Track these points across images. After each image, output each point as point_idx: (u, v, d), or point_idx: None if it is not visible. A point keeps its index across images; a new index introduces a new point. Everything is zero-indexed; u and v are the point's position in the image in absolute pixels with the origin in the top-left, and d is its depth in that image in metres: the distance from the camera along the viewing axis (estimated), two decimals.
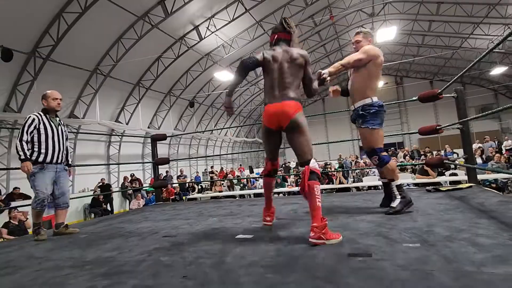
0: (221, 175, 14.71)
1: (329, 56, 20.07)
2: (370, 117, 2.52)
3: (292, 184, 9.31)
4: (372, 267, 1.31)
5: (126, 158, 14.37)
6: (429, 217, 2.19)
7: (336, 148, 23.84)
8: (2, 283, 1.55)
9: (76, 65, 10.20)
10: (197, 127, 18.44)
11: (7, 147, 9.41)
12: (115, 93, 12.67)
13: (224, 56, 14.53)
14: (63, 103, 3.22)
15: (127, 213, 4.84)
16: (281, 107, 2.00)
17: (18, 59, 8.56)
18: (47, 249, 2.29)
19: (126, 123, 13.37)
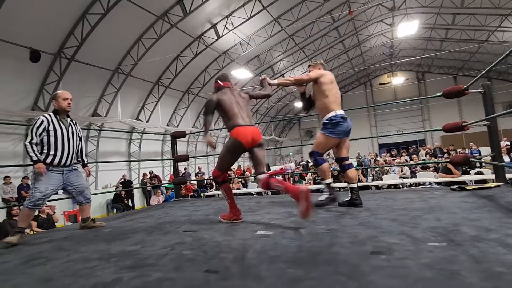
0: (238, 173, 14.79)
1: (347, 52, 19.71)
2: (330, 126, 2.94)
3: (310, 182, 9.24)
4: (396, 266, 1.29)
5: (146, 155, 14.71)
6: (455, 216, 2.13)
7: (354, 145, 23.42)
8: (35, 272, 1.63)
9: (99, 65, 10.51)
10: (215, 124, 18.61)
11: None
12: (136, 91, 12.97)
13: (242, 54, 14.56)
14: (86, 102, 3.33)
15: (148, 208, 4.97)
16: (256, 129, 2.63)
17: (45, 60, 8.91)
18: (75, 242, 2.38)
19: (146, 121, 13.67)
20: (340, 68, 21.33)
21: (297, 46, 16.76)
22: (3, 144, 9.12)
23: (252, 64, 16.32)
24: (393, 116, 24.99)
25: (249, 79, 17.25)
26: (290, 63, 18.41)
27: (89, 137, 11.95)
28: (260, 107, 22.56)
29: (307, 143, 27.53)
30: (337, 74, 22.20)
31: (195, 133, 16.26)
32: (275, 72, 18.66)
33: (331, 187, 2.98)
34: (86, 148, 11.78)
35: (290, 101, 23.86)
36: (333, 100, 2.99)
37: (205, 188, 11.75)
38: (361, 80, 26.98)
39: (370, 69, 24.67)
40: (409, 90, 24.92)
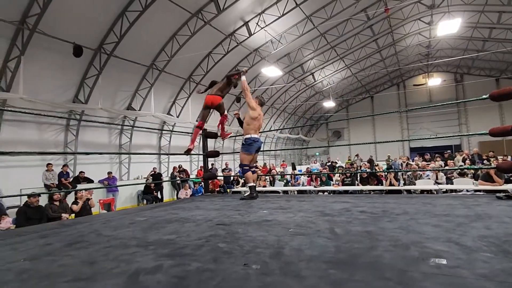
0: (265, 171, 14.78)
1: (381, 51, 19.03)
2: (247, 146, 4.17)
3: (338, 183, 9.02)
4: (449, 274, 1.20)
5: (175, 149, 15.08)
6: (506, 225, 1.96)
7: (384, 148, 22.63)
8: (79, 255, 1.70)
9: (135, 61, 10.89)
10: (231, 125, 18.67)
11: (75, 134, 10.39)
12: (168, 87, 13.32)
13: (272, 52, 14.51)
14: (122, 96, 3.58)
15: (178, 201, 5.08)
16: (211, 96, 4.48)
17: (86, 55, 9.38)
18: (113, 229, 2.46)
19: (177, 116, 14.01)
20: (372, 68, 20.66)
21: (329, 45, 16.43)
22: (46, 134, 9.71)
23: (282, 62, 16.22)
24: (427, 119, 23.88)
25: (278, 77, 17.16)
26: (321, 61, 18.10)
27: (124, 130, 12.43)
28: (288, 106, 22.40)
29: (334, 143, 26.99)
30: (369, 73, 21.55)
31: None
32: (305, 70, 18.44)
33: (252, 188, 4.09)
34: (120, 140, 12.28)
35: (318, 101, 23.48)
36: (252, 128, 4.16)
37: (231, 184, 11.86)
38: (394, 81, 26.01)
39: (404, 69, 23.70)
40: (446, 92, 23.66)
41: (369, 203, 3.23)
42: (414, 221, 2.19)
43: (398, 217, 2.38)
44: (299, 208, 3.04)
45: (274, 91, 19.01)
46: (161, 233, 2.17)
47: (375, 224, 2.17)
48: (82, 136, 10.66)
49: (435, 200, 3.34)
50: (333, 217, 2.45)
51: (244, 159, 4.15)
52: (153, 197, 10.83)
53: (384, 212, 2.62)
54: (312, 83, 20.53)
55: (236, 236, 1.95)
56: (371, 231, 1.93)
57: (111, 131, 12.18)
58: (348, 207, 2.98)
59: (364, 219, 2.37)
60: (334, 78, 21.19)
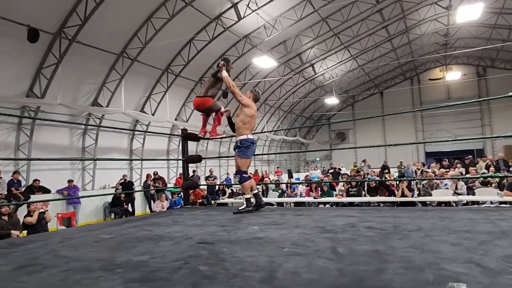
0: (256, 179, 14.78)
1: (392, 39, 19.32)
2: (244, 149, 4.10)
3: (342, 194, 9.09)
4: None
5: (150, 153, 14.97)
6: None
7: (395, 153, 22.92)
8: (31, 281, 1.66)
9: (102, 48, 10.80)
10: None
11: (29, 135, 10.21)
12: (142, 79, 13.24)
13: (265, 39, 14.57)
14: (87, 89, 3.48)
15: (152, 215, 5.03)
16: (196, 99, 4.73)
17: (43, 40, 9.24)
18: (73, 248, 2.42)
19: (152, 113, 13.92)
20: (382, 59, 20.94)
21: (332, 31, 16.61)
22: None
23: (277, 51, 16.30)
24: (445, 119, 24.30)
25: (273, 69, 17.24)
26: (322, 51, 18.27)
27: (88, 130, 12.28)
28: (284, 103, 22.51)
29: (337, 147, 27.22)
30: (378, 65, 21.83)
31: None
32: (304, 61, 18.58)
33: (249, 200, 4.10)
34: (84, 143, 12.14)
35: (319, 97, 23.68)
36: (248, 127, 4.15)
37: (216, 195, 11.81)
38: (407, 74, 26.41)
39: (419, 61, 24.10)
40: (466, 88, 24.14)
41: (377, 217, 3.26)
42: (429, 239, 2.22)
43: (411, 234, 2.41)
44: (295, 224, 3.05)
45: (267, 85, 19.07)
46: (131, 253, 2.15)
47: (384, 242, 2.19)
48: (38, 137, 10.48)
49: (454, 214, 3.39)
50: (335, 234, 2.46)
51: (243, 165, 4.14)
52: (123, 210, 10.71)
53: (395, 228, 2.65)
54: (312, 76, 20.68)
55: (221, 257, 1.94)
56: (380, 251, 1.95)
57: (72, 132, 12.01)
58: (353, 222, 3.00)
59: (372, 236, 2.39)
60: (338, 70, 21.40)
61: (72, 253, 2.24)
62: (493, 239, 2.14)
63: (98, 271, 1.76)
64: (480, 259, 1.72)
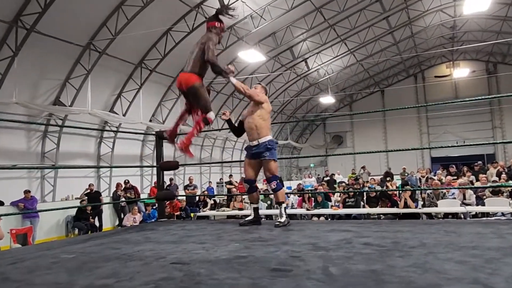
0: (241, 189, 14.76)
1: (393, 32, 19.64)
2: (274, 151, 4.10)
3: (338, 205, 9.15)
4: None
5: (121, 159, 14.81)
6: None
7: (398, 159, 23.22)
8: None
9: (66, 39, 10.67)
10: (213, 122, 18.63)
11: None
12: (112, 75, 13.13)
13: (252, 30, 14.66)
14: (47, 86, 3.39)
15: (121, 230, 4.97)
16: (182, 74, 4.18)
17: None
18: (26, 271, 2.37)
19: (123, 114, 13.80)
20: (383, 53, 21.27)
21: (327, 22, 16.80)
22: None
23: (266, 44, 16.38)
24: (452, 121, 24.77)
25: (261, 64, 17.32)
26: (316, 44, 18.46)
27: (48, 133, 12.09)
28: (274, 102, 22.59)
29: (333, 152, 27.46)
30: (378, 61, 22.15)
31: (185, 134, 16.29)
32: (296, 55, 18.71)
33: (286, 210, 4.13)
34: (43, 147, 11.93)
35: (313, 95, 23.86)
36: (269, 126, 4.23)
37: (196, 206, 11.75)
38: (410, 71, 26.87)
39: (423, 56, 24.55)
40: (475, 86, 24.68)
41: (376, 232, 3.29)
42: (433, 256, 2.25)
43: (413, 251, 2.43)
44: (284, 240, 3.05)
45: (254, 82, 19.11)
46: (94, 276, 2.12)
47: (383, 260, 2.20)
48: None
49: (461, 228, 3.45)
50: (328, 252, 2.47)
51: (276, 169, 4.12)
52: (89, 225, 10.56)
53: (394, 245, 2.68)
54: (305, 72, 20.84)
55: (197, 280, 1.92)
56: (377, 270, 1.96)
57: (30, 135, 11.80)
58: (349, 237, 3.02)
59: (369, 254, 2.41)
60: (334, 66, 21.63)
61: (24, 277, 2.19)
62: (502, 256, 2.18)
63: None
64: (487, 279, 1.74)
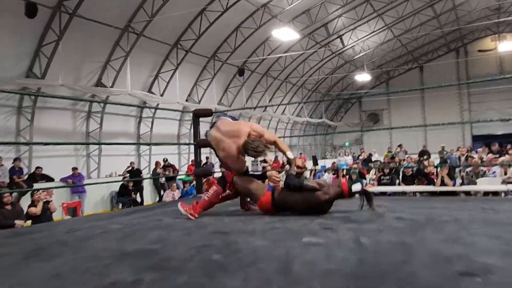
0: (276, 166, 14.90)
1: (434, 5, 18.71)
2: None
3: (373, 183, 9.10)
4: None
5: (159, 138, 15.27)
6: None
7: (437, 137, 22.47)
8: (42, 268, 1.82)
9: (106, 22, 10.99)
10: (247, 101, 18.78)
11: (30, 119, 10.61)
12: (149, 56, 13.43)
13: (286, 8, 14.44)
14: (90, 68, 3.53)
15: (162, 204, 5.23)
16: None
17: (42, 16, 9.50)
18: (80, 238, 2.59)
19: (161, 94, 14.15)
20: (422, 28, 20.35)
21: None
22: None
23: (300, 22, 16.12)
24: (496, 97, 23.54)
25: (295, 42, 17.08)
26: (352, 20, 17.94)
27: (92, 113, 12.63)
28: (308, 80, 22.35)
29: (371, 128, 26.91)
30: (417, 36, 21.22)
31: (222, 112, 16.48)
32: (330, 33, 18.30)
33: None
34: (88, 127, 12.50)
35: (349, 73, 23.35)
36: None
37: None
38: (451, 45, 25.61)
39: (466, 29, 23.28)
40: None
41: (410, 208, 3.31)
42: (465, 232, 2.26)
43: (446, 226, 2.45)
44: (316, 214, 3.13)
45: (288, 61, 18.96)
46: (141, 243, 2.29)
47: (414, 234, 2.25)
48: (39, 121, 10.88)
49: (499, 205, 3.40)
50: (359, 225, 2.54)
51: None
52: (131, 200, 11.08)
53: (428, 220, 2.70)
54: (340, 49, 20.38)
55: (235, 247, 2.05)
56: (407, 243, 2.01)
57: (75, 115, 12.40)
58: (381, 212, 3.06)
59: (401, 227, 2.45)
60: (370, 42, 20.99)
61: (80, 243, 2.41)
62: None
63: (107, 259, 1.90)
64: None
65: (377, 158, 16.39)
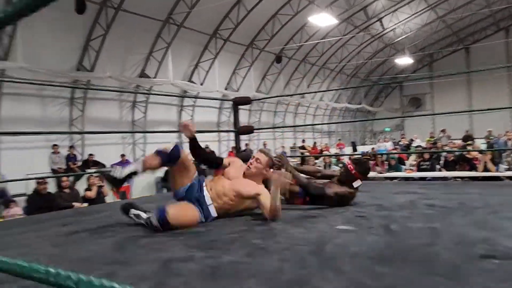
0: (314, 152, 14.97)
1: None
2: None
3: (412, 168, 9.01)
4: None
5: (199, 126, 15.67)
6: None
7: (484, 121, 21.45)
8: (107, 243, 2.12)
9: (147, 15, 11.41)
10: (285, 88, 18.83)
11: (81, 109, 11.34)
12: (189, 47, 13.78)
13: None
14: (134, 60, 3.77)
15: None
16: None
17: (90, 11, 10.04)
18: None
19: (201, 83, 14.53)
20: (468, 7, 19.34)
21: None
22: (50, 109, 10.72)
23: (337, 7, 15.84)
24: None
25: (333, 27, 16.85)
26: (392, 2, 17.41)
27: (136, 103, 13.23)
28: (347, 66, 21.99)
29: (412, 114, 26.13)
30: (462, 15, 20.18)
31: (260, 100, 16.68)
32: (369, 16, 17.85)
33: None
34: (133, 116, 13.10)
35: (389, 57, 22.70)
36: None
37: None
38: (501, 24, 24.11)
39: None
40: None
41: (443, 193, 3.37)
42: (494, 216, 2.34)
43: (476, 211, 2.53)
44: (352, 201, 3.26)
45: (326, 47, 18.73)
46: None
47: (443, 219, 2.36)
48: (89, 111, 11.58)
49: None
50: (391, 212, 2.65)
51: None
52: None
53: (460, 205, 2.77)
54: (380, 32, 19.84)
55: (273, 232, 2.26)
56: (435, 227, 2.13)
57: (122, 105, 13.04)
58: (414, 199, 3.14)
59: (431, 214, 2.56)
60: (412, 24, 20.24)
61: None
62: None
63: (163, 237, 2.18)
64: None
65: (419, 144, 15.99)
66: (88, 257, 1.89)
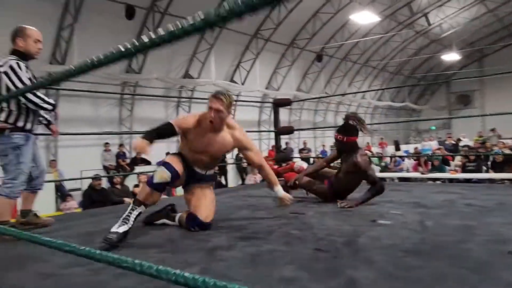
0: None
1: None
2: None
3: (457, 169, 8.73)
4: None
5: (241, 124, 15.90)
6: None
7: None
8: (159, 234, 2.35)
9: None
10: (326, 87, 18.71)
11: (130, 109, 11.96)
12: (230, 47, 14.07)
13: None
14: (178, 62, 3.97)
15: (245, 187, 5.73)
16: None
17: (137, 16, 10.57)
18: None
19: (242, 83, 14.79)
20: None
21: None
22: (101, 109, 11.40)
23: (380, 3, 15.52)
24: None
25: (375, 24, 16.53)
26: None
27: (181, 102, 13.73)
28: (390, 63, 21.46)
29: (459, 113, 25.04)
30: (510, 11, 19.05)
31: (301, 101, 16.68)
32: (414, 11, 17.34)
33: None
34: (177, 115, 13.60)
35: (435, 53, 21.88)
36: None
37: None
38: None
39: None
40: None
41: (483, 194, 3.33)
42: None
43: None
44: (389, 199, 3.30)
45: (368, 44, 18.38)
46: (232, 219, 2.76)
47: (480, 218, 2.38)
48: (137, 111, 12.18)
49: None
50: (428, 209, 2.70)
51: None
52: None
53: (499, 205, 2.76)
54: (425, 28, 19.18)
55: (310, 225, 2.39)
56: (470, 225, 2.17)
57: (167, 104, 13.57)
58: (453, 198, 3.15)
59: (468, 212, 2.58)
60: (459, 18, 19.38)
61: None
62: None
63: (221, 230, 2.36)
64: None
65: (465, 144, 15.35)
66: (142, 245, 2.11)
